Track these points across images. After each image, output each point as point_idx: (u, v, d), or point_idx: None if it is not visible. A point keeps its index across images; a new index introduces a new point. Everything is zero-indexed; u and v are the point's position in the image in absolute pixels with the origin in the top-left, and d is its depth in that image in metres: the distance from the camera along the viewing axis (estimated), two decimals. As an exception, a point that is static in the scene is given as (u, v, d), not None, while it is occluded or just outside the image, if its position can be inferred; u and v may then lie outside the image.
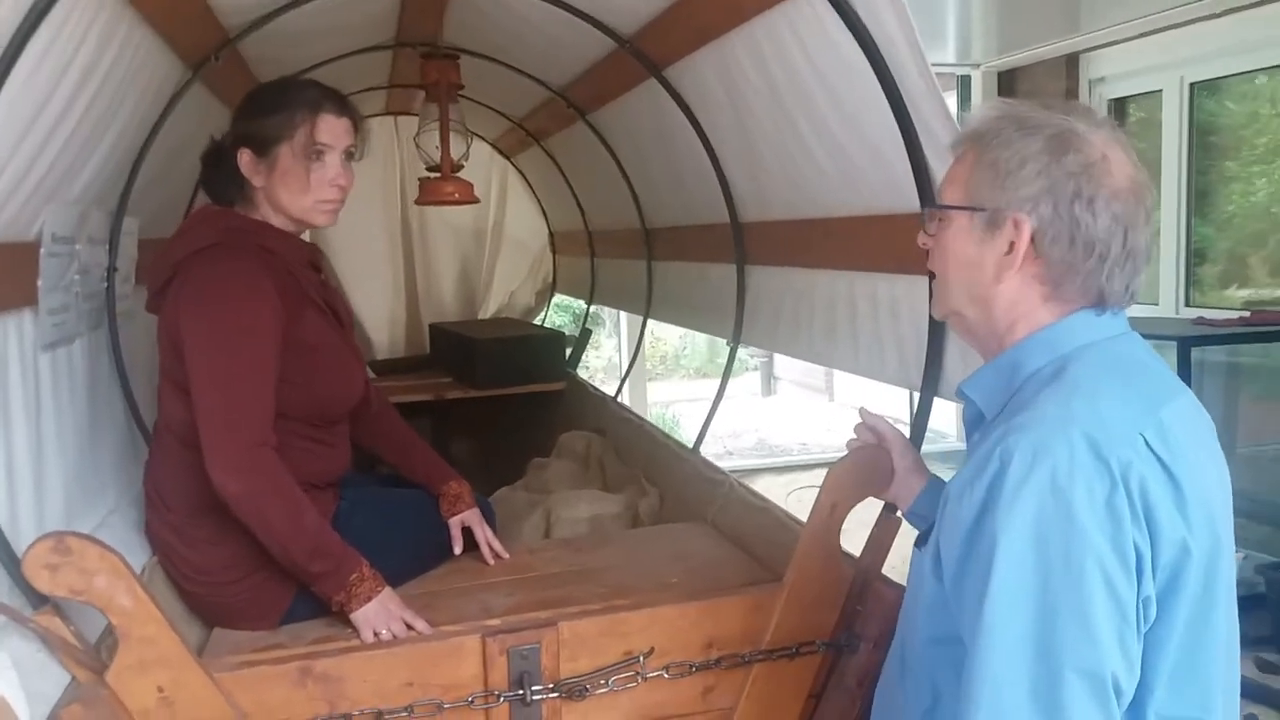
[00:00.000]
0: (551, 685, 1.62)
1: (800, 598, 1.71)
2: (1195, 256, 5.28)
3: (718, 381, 2.94)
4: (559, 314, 8.01)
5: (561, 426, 3.62)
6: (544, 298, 4.92)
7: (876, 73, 1.69)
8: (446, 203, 2.86)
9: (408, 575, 2.09)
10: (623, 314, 6.48)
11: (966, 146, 1.27)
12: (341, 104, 1.99)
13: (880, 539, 1.76)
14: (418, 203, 2.92)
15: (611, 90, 2.90)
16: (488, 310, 4.73)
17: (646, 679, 1.66)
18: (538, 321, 4.87)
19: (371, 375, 4.04)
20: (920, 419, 1.85)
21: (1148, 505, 1.05)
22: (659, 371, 10.75)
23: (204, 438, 1.75)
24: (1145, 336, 3.71)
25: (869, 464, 1.66)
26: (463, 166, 2.88)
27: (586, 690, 1.64)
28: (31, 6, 1.39)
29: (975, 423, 1.32)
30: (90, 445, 2.02)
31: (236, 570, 1.86)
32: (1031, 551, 1.04)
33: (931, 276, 1.34)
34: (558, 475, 3.13)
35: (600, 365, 9.55)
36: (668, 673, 1.67)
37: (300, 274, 1.97)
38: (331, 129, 1.95)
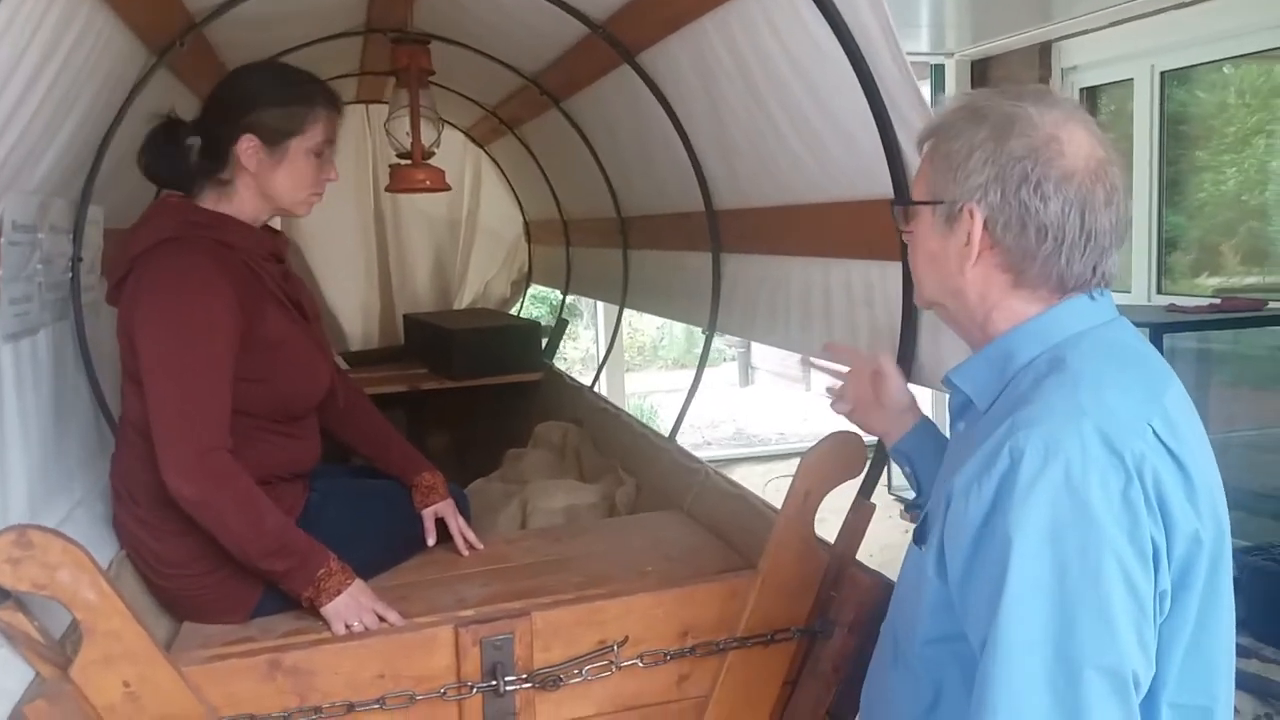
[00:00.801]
0: (525, 675, 1.61)
1: (775, 585, 1.71)
2: (1167, 245, 5.32)
3: (694, 373, 2.94)
4: (536, 305, 7.99)
5: (538, 417, 3.60)
6: (519, 288, 4.90)
7: (850, 58, 1.68)
8: (418, 190, 2.83)
9: (381, 567, 2.07)
10: (600, 304, 6.46)
11: (928, 141, 1.26)
12: (340, 103, 2.02)
13: (854, 525, 1.76)
14: (389, 190, 2.89)
15: (585, 77, 2.88)
16: (462, 301, 4.70)
17: (621, 668, 1.66)
18: (513, 312, 4.84)
19: (345, 366, 4.04)
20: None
21: (1161, 497, 1.04)
22: (636, 362, 10.74)
23: (156, 441, 1.72)
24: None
25: (842, 451, 1.67)
26: (434, 154, 2.85)
27: (560, 680, 1.63)
28: (-15, -11, 1.35)
29: (961, 411, 1.30)
30: (55, 438, 1.99)
31: (205, 563, 1.83)
32: (1048, 550, 1.01)
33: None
34: (534, 466, 3.12)
35: (578, 356, 9.52)
36: (642, 661, 1.67)
37: (261, 268, 1.93)
38: (338, 128, 1.97)
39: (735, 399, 9.74)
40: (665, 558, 2.07)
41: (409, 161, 2.79)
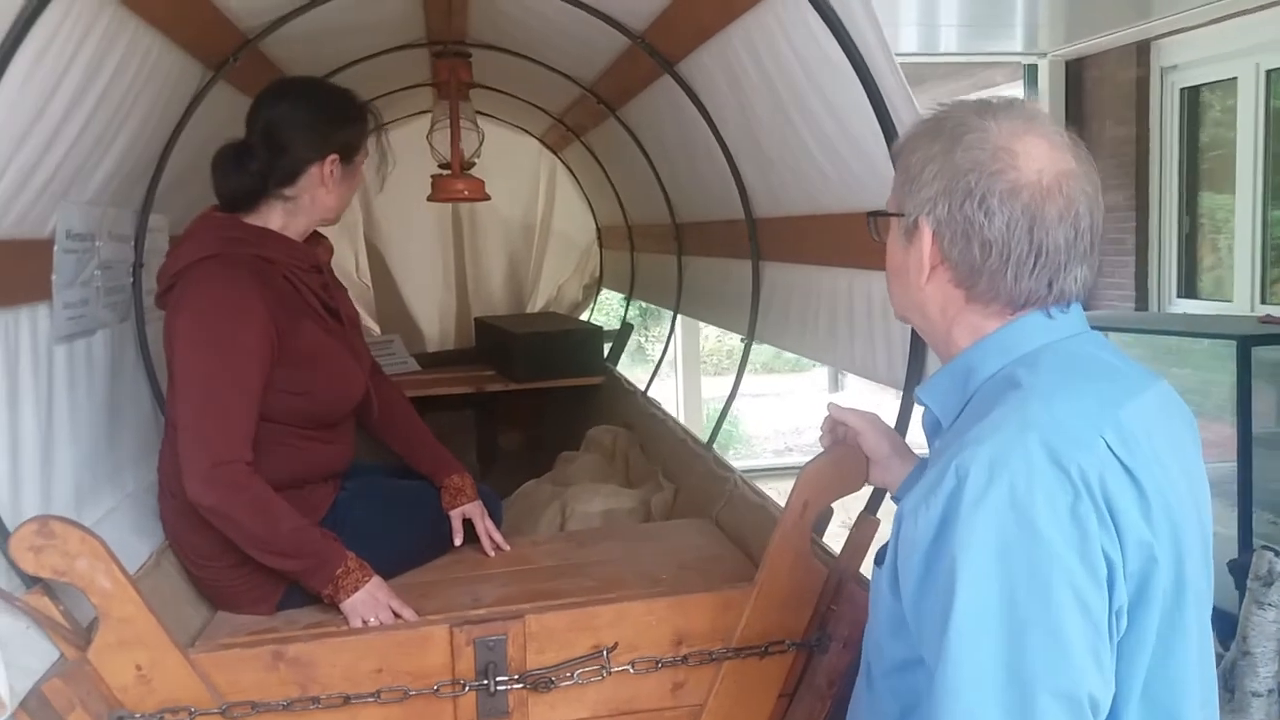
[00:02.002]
0: (517, 676, 1.65)
1: (771, 597, 1.71)
2: (1281, 252, 5.05)
3: (784, 378, 2.94)
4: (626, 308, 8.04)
5: (599, 421, 3.65)
6: (591, 292, 4.96)
7: (854, 68, 1.67)
8: (456, 199, 2.91)
9: (408, 565, 2.15)
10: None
11: (898, 153, 1.24)
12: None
13: (858, 540, 1.75)
14: (430, 200, 2.98)
15: (634, 86, 2.91)
16: (535, 304, 4.78)
17: (612, 673, 1.67)
18: (585, 316, 4.91)
19: (416, 367, 4.16)
20: (902, 420, 1.82)
21: (1113, 510, 1.00)
22: (724, 366, 10.69)
23: (180, 452, 1.83)
24: (1199, 335, 3.53)
25: (841, 463, 1.65)
26: (474, 164, 2.92)
27: (552, 682, 1.66)
28: (18, 15, 1.45)
29: (935, 430, 1.28)
30: (108, 433, 2.11)
31: (235, 555, 1.92)
32: (995, 571, 0.99)
33: None
34: (582, 469, 3.16)
35: (667, 360, 9.55)
36: (633, 667, 1.68)
37: (299, 280, 2.02)
38: None
39: (824, 405, 9.59)
40: (681, 566, 2.08)
41: (449, 171, 2.87)
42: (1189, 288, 5.55)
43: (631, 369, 4.23)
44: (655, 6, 2.33)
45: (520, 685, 1.65)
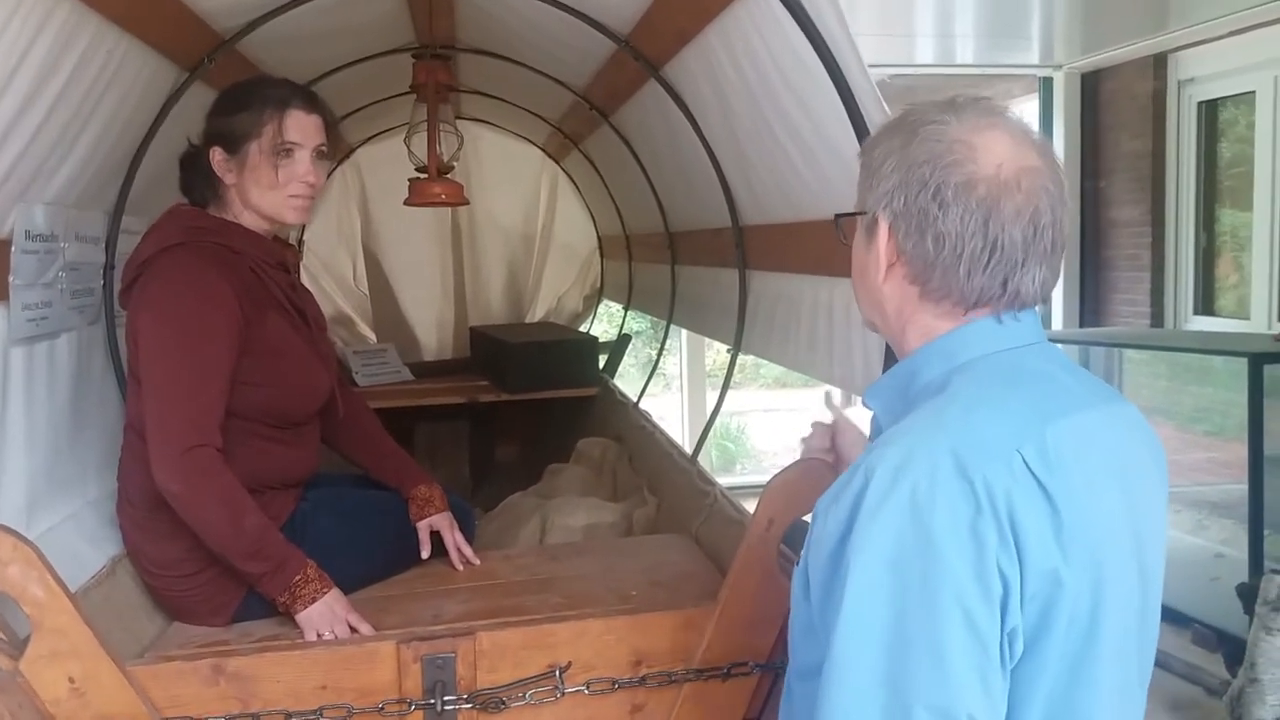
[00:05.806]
0: (465, 696, 1.58)
1: (735, 616, 1.64)
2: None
3: (796, 392, 2.88)
4: (636, 320, 7.99)
5: (594, 433, 3.59)
6: (592, 303, 4.89)
7: (828, 71, 1.60)
8: (434, 204, 2.87)
9: (372, 578, 2.09)
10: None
11: (863, 151, 1.21)
12: (311, 101, 2.00)
13: (827, 558, 1.67)
14: (406, 204, 2.93)
15: (622, 91, 2.86)
16: (535, 314, 4.73)
17: (566, 694, 1.61)
18: (584, 327, 4.84)
19: (410, 376, 4.10)
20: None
21: (1017, 529, 0.95)
22: (737, 380, 10.58)
23: (149, 437, 1.78)
24: (1209, 352, 3.43)
25: (808, 479, 1.58)
26: (453, 167, 2.88)
27: (504, 703, 1.59)
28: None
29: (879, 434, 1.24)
30: (71, 438, 2.07)
31: (190, 565, 1.88)
32: (887, 577, 0.96)
33: None
34: (569, 481, 3.10)
35: (675, 372, 9.48)
36: (588, 688, 1.61)
37: (266, 275, 1.98)
38: (300, 126, 1.95)
39: (860, 420, 9.46)
40: (652, 583, 2.01)
41: (426, 175, 2.82)
42: (1206, 305, 5.43)
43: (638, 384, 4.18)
44: (637, 9, 2.28)
45: (469, 705, 1.58)
